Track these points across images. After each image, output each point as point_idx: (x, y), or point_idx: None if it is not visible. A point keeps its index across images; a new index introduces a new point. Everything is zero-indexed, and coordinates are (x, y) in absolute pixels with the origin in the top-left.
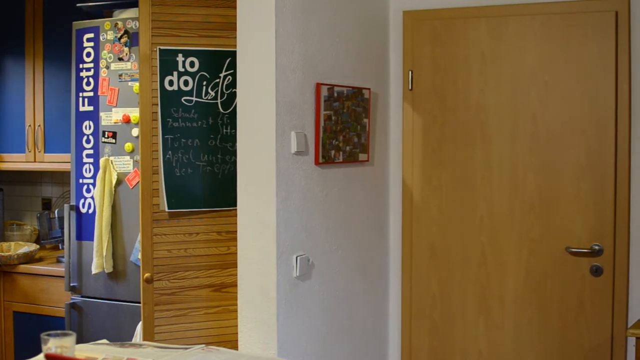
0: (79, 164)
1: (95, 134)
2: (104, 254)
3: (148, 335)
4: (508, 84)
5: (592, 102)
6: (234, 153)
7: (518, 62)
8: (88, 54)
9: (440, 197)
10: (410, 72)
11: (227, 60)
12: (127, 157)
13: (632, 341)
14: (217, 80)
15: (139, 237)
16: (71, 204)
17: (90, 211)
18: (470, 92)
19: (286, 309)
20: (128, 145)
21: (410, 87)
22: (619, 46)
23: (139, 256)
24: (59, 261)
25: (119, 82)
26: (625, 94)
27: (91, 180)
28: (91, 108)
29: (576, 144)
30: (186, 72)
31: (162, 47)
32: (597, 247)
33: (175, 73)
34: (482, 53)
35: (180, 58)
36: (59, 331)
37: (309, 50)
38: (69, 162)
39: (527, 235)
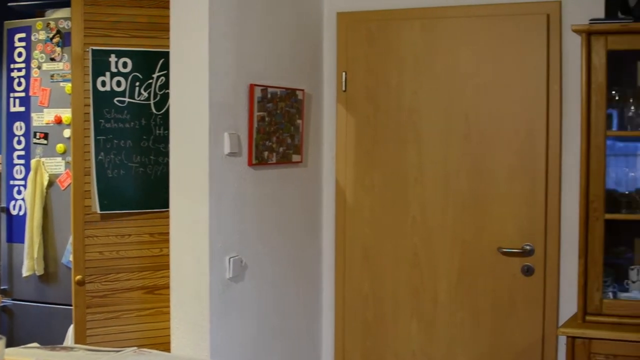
0: (10, 165)
1: (26, 135)
2: (35, 256)
3: (80, 339)
4: (441, 86)
5: (524, 104)
6: (166, 154)
7: (451, 64)
8: (19, 54)
9: (374, 198)
10: (344, 74)
11: (161, 61)
12: (59, 159)
13: (562, 340)
14: (150, 81)
15: (71, 239)
16: (1, 205)
17: (21, 213)
18: (404, 94)
19: (219, 310)
20: (60, 147)
21: (344, 89)
22: (551, 48)
23: (71, 258)
24: None
25: (50, 82)
26: (556, 95)
27: (22, 182)
28: (22, 109)
29: (508, 144)
30: (119, 73)
31: (94, 48)
32: (528, 247)
33: (107, 74)
34: (415, 55)
35: (112, 58)
36: None
37: (242, 51)
38: (0, 164)
39: (459, 236)
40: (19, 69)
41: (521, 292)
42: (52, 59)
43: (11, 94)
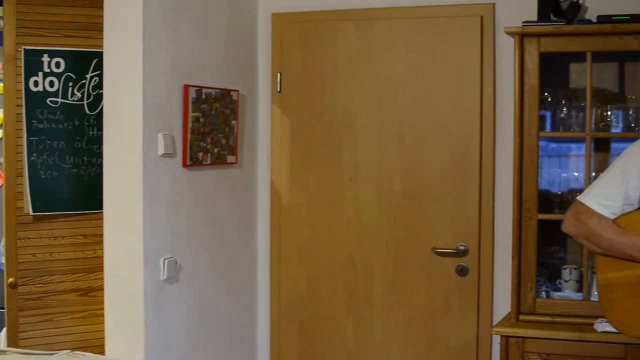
0: None
1: None
2: None
3: (12, 342)
4: (376, 87)
5: (458, 105)
6: (100, 155)
7: (386, 65)
8: None
9: (309, 199)
10: (279, 75)
11: (94, 61)
12: None
13: (497, 339)
14: (84, 81)
15: (3, 241)
16: None
17: None
18: (339, 95)
19: (154, 312)
20: None
21: (279, 90)
22: (484, 50)
23: (3, 260)
24: None
25: None
26: (490, 97)
27: None
28: None
29: (442, 145)
30: (52, 73)
31: (27, 47)
32: (462, 248)
33: (40, 74)
34: (350, 56)
35: (45, 58)
36: None
37: (177, 51)
38: None
39: (394, 236)
40: None
41: (456, 292)
42: None
43: None
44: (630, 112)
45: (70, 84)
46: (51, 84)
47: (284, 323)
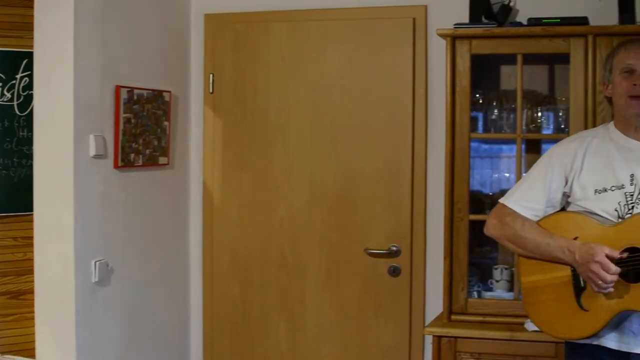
0: None
1: None
2: None
3: None
4: (308, 88)
5: (391, 107)
6: (30, 156)
7: (319, 67)
8: None
9: (241, 200)
10: (211, 75)
11: (24, 62)
12: None
13: (429, 339)
14: (14, 81)
15: None
16: None
17: None
18: (271, 96)
19: (85, 315)
20: None
21: (211, 91)
22: (416, 52)
23: None
24: None
25: None
26: (422, 98)
27: None
28: None
29: (375, 147)
30: None
31: None
32: (394, 248)
33: None
34: (283, 57)
35: None
36: None
37: (108, 52)
38: None
39: (327, 237)
40: None
41: (388, 292)
42: None
43: None
44: (560, 114)
45: (0, 84)
46: None
47: (217, 324)
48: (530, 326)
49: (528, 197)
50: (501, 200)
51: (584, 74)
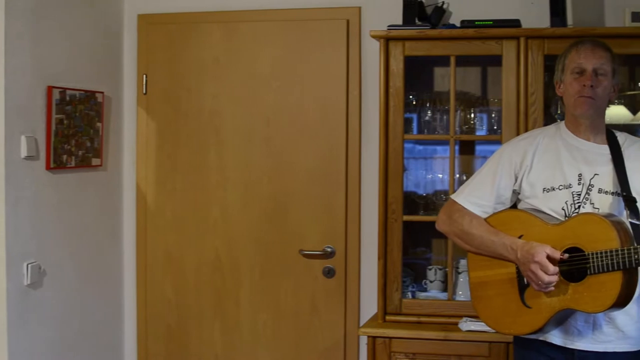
0: None
1: None
2: None
3: None
4: (242, 89)
5: (325, 108)
6: None
7: (252, 68)
8: None
9: (175, 202)
10: (144, 76)
11: None
12: None
13: (364, 340)
14: None
15: None
16: None
17: None
18: (205, 97)
19: (17, 318)
20: None
21: (144, 92)
22: (350, 53)
23: None
24: None
25: None
26: (356, 99)
27: None
28: None
29: (309, 148)
30: None
31: None
32: (329, 249)
33: None
34: (216, 58)
35: None
36: None
37: (40, 52)
38: None
39: (262, 239)
40: None
41: (323, 293)
42: None
43: None
44: (493, 115)
45: None
46: None
47: (151, 327)
48: (464, 326)
49: (477, 194)
50: (452, 196)
51: (516, 76)
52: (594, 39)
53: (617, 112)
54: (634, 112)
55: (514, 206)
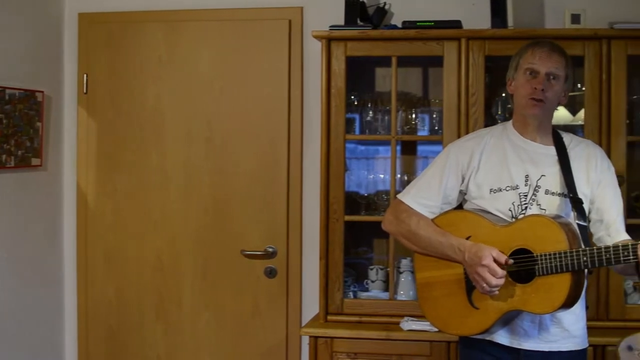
0: None
1: None
2: None
3: None
4: (184, 89)
5: (267, 108)
6: None
7: (194, 68)
8: None
9: (116, 202)
10: (85, 76)
11: None
12: None
13: (306, 340)
14: None
15: None
16: None
17: None
18: (147, 97)
19: None
20: None
21: (85, 91)
22: (292, 53)
23: None
24: None
25: None
26: (297, 100)
27: None
28: None
29: (250, 148)
30: None
31: None
32: (271, 250)
33: None
34: (158, 58)
35: None
36: None
37: None
38: None
39: (203, 239)
40: None
41: (265, 293)
42: None
43: None
44: (434, 116)
45: None
46: None
47: (92, 329)
48: (405, 325)
49: (424, 194)
50: (399, 196)
51: (457, 77)
52: (552, 42)
53: (557, 113)
54: (573, 113)
55: (460, 206)
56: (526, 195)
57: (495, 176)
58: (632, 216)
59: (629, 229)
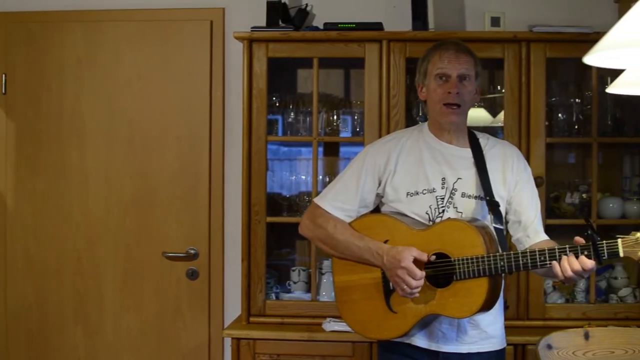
0: None
1: None
2: None
3: None
4: (105, 90)
5: (188, 109)
6: None
7: (115, 68)
8: None
9: (36, 204)
10: (4, 76)
11: None
12: None
13: (228, 341)
14: None
15: None
16: None
17: None
18: (66, 97)
19: None
20: None
21: (4, 91)
22: (214, 55)
23: None
24: None
25: None
26: (219, 101)
27: None
28: None
29: (172, 149)
30: None
31: None
32: (192, 251)
33: None
34: (78, 58)
35: None
36: None
37: None
38: None
39: (124, 241)
40: None
41: (187, 295)
42: None
43: None
44: (356, 117)
45: None
46: None
47: (12, 332)
48: (328, 326)
49: (341, 198)
50: (315, 200)
51: (379, 79)
52: (457, 43)
53: (477, 115)
54: (494, 115)
55: (377, 209)
56: (443, 198)
57: (411, 179)
58: (551, 217)
59: (548, 229)
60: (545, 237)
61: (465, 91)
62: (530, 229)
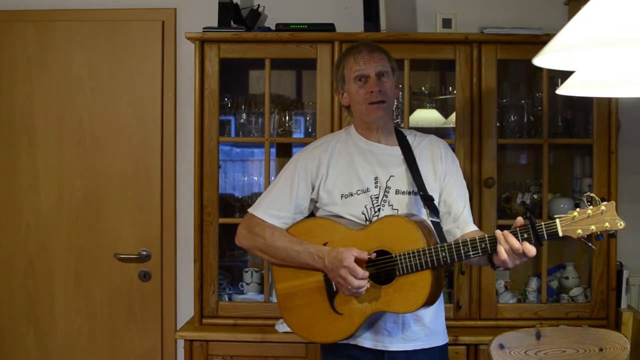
0: None
1: None
2: None
3: None
4: (55, 90)
5: (139, 110)
6: None
7: (66, 68)
8: None
9: None
10: None
11: None
12: None
13: (181, 343)
14: None
15: None
16: None
17: None
18: (16, 98)
19: None
20: None
21: None
22: (165, 55)
23: None
24: None
25: None
26: (170, 101)
27: None
28: None
29: (123, 150)
30: None
31: None
32: (145, 253)
33: None
34: (28, 58)
35: None
36: None
37: None
38: None
39: (75, 243)
40: None
41: (139, 297)
42: None
43: None
44: (308, 118)
45: None
46: None
47: None
48: (280, 327)
49: (276, 205)
50: (250, 210)
51: (331, 79)
52: (367, 43)
53: (429, 116)
54: (445, 116)
55: (312, 215)
56: (377, 197)
57: (345, 181)
58: (503, 217)
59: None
60: (475, 227)
61: (385, 87)
62: (460, 219)
